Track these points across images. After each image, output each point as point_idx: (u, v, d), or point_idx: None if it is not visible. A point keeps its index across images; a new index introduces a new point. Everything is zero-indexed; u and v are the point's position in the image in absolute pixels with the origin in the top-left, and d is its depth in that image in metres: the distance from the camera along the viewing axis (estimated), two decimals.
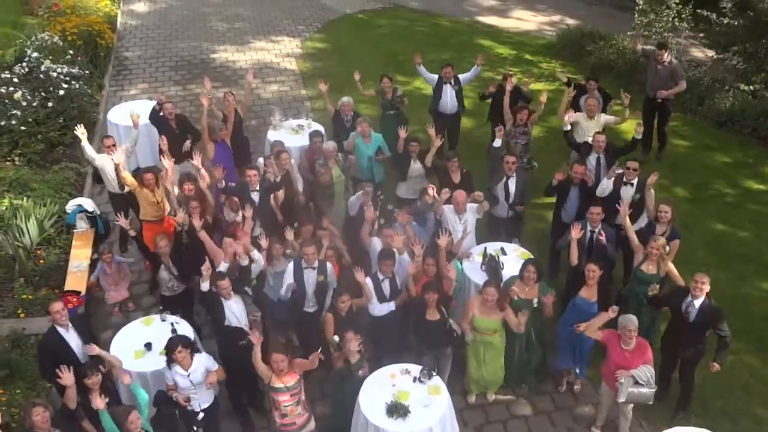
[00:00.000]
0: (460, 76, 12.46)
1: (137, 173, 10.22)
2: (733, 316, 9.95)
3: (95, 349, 7.58)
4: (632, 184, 9.89)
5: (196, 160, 9.85)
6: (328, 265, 8.78)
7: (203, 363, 7.65)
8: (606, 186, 9.88)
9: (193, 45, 17.66)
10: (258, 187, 9.82)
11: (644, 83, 13.25)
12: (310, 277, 8.65)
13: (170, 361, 7.52)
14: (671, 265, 8.71)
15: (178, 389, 7.56)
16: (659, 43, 13.08)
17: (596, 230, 9.15)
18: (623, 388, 7.74)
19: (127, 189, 10.19)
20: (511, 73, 12.67)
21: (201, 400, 7.67)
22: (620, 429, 8.39)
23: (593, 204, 9.26)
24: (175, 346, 7.47)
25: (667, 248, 8.72)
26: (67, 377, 7.10)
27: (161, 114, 11.18)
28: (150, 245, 9.79)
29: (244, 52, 17.39)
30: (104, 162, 10.46)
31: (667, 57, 12.59)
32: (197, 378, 7.55)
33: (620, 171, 9.96)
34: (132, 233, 9.79)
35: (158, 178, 9.95)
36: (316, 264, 8.63)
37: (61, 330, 7.72)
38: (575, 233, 8.88)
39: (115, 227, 11.11)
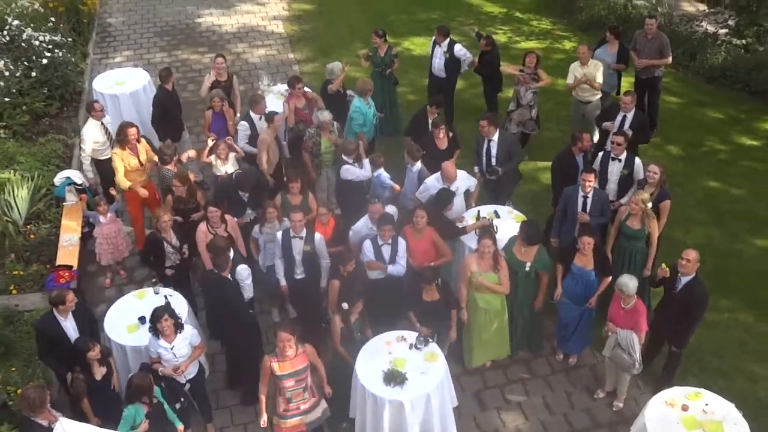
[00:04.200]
0: (457, 48, 12.11)
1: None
2: (727, 273, 10.08)
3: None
4: (620, 160, 9.56)
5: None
6: (317, 235, 8.68)
7: (187, 336, 7.63)
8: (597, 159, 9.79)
9: (177, 9, 17.30)
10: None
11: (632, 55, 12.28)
12: (297, 246, 8.59)
13: (155, 332, 7.49)
14: (654, 223, 8.70)
15: (161, 361, 7.55)
16: (649, 14, 12.46)
17: (588, 196, 9.01)
18: (608, 342, 7.99)
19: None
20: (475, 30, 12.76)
21: (185, 372, 7.66)
22: (619, 387, 8.41)
23: (586, 171, 9.10)
24: (161, 314, 7.42)
25: (650, 204, 8.65)
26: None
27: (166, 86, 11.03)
28: (137, 216, 10.20)
29: (230, 15, 17.05)
30: (93, 132, 10.37)
31: (654, 27, 11.85)
32: (181, 351, 7.54)
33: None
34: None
35: (139, 136, 9.95)
36: (303, 233, 8.57)
37: (59, 318, 7.63)
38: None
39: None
